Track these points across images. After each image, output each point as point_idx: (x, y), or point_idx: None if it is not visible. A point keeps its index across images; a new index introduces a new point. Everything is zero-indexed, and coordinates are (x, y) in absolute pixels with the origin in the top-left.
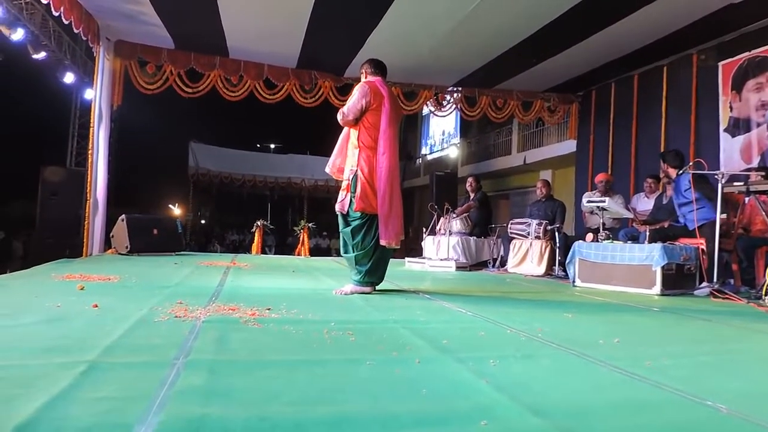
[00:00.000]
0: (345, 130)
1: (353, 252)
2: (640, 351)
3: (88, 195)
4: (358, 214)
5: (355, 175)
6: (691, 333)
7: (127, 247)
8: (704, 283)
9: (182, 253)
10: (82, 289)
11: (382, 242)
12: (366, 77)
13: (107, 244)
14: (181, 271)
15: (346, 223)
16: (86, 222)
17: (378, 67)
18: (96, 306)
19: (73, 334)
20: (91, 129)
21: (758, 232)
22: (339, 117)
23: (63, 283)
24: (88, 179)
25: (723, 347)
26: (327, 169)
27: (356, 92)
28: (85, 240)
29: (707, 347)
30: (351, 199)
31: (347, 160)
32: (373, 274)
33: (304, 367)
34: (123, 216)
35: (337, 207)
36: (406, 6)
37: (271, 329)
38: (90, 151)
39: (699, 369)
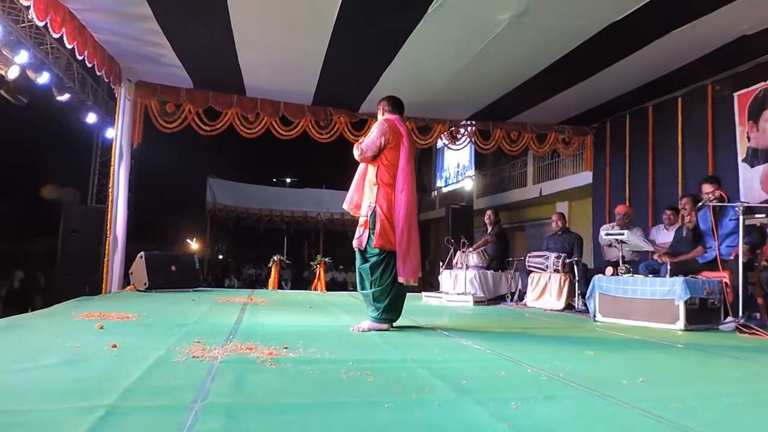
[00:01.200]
0: (361, 166)
1: (371, 288)
2: (666, 391)
3: (108, 232)
4: (377, 250)
5: (374, 212)
6: (718, 371)
7: (145, 284)
8: (729, 318)
9: (199, 288)
10: (101, 327)
11: (401, 279)
12: (383, 114)
13: (126, 280)
14: (199, 308)
15: (364, 260)
16: (106, 259)
17: (396, 105)
18: (114, 346)
19: (92, 376)
20: (111, 167)
21: None
22: (356, 153)
23: (82, 321)
24: (109, 216)
25: (753, 386)
26: (344, 206)
27: (375, 129)
28: (104, 277)
29: (736, 387)
30: (370, 236)
31: (364, 196)
32: (390, 310)
33: (321, 410)
34: (142, 253)
35: (355, 243)
36: (417, 46)
37: (288, 369)
38: (111, 189)
39: (729, 411)
